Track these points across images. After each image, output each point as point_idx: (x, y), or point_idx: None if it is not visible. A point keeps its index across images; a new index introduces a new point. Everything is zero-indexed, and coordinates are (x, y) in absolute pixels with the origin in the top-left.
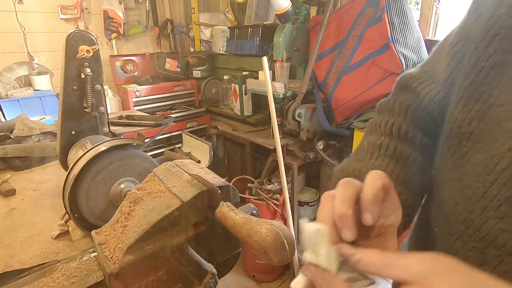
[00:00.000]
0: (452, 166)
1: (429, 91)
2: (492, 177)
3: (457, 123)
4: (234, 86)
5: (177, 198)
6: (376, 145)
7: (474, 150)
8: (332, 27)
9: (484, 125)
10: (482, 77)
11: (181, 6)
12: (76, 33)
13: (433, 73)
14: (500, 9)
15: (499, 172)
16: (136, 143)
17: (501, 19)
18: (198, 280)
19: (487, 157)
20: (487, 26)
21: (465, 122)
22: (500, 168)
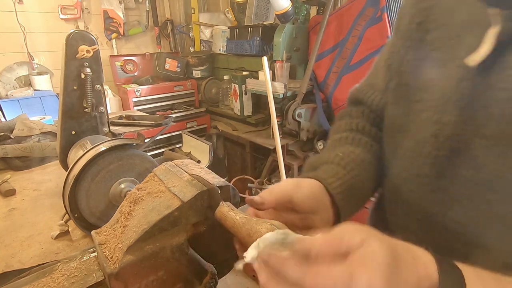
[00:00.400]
0: (390, 155)
1: (373, 99)
2: (422, 159)
3: (391, 119)
4: (234, 86)
5: (177, 198)
6: (337, 139)
7: (404, 139)
8: (332, 27)
9: (410, 118)
10: (404, 79)
11: (181, 6)
12: (76, 33)
13: (373, 84)
14: (411, 26)
15: (426, 155)
16: (136, 143)
17: (412, 33)
18: (198, 280)
19: (414, 143)
20: (403, 39)
21: (397, 118)
22: (427, 151)
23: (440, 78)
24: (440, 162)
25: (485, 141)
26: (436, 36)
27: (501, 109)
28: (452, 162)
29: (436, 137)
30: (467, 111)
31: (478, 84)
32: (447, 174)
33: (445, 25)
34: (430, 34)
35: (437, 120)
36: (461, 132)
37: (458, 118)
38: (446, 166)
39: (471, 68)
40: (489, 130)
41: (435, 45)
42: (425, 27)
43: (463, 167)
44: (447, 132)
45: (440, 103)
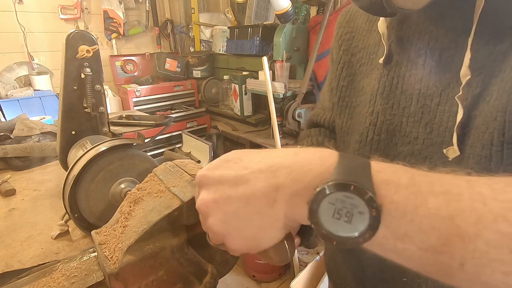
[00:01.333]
0: None
1: (325, 118)
2: (368, 147)
3: (338, 127)
4: (234, 86)
5: (177, 198)
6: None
7: (350, 137)
8: (332, 27)
9: (353, 121)
10: (344, 92)
11: (181, 6)
12: (76, 33)
13: (323, 106)
14: (339, 53)
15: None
16: (136, 143)
17: (342, 58)
18: (198, 280)
19: (358, 135)
20: (336, 63)
21: (343, 124)
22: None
23: (369, 83)
24: (382, 145)
25: (412, 118)
26: (360, 56)
27: (416, 89)
28: (391, 142)
29: (374, 125)
30: (391, 98)
31: (392, 77)
32: (390, 153)
33: (364, 47)
34: (355, 56)
35: (371, 111)
36: (391, 116)
37: (385, 105)
38: (388, 147)
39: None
40: (412, 108)
41: (361, 62)
42: (350, 51)
43: (400, 144)
44: (381, 118)
45: (371, 98)
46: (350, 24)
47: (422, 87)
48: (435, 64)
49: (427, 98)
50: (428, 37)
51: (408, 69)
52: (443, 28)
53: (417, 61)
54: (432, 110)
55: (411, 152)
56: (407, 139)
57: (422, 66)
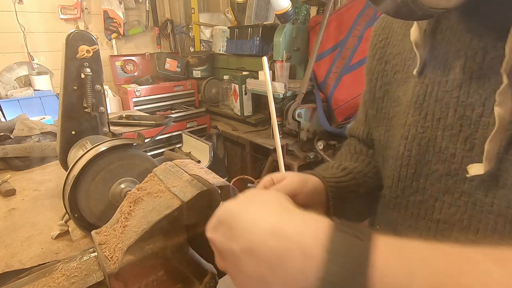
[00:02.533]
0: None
1: (359, 132)
2: (399, 162)
3: (376, 140)
4: (234, 86)
5: (177, 198)
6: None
7: (388, 152)
8: (332, 27)
9: (390, 133)
10: (380, 103)
11: (181, 6)
12: (76, 33)
13: (358, 119)
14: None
15: (401, 156)
16: (136, 143)
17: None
18: (198, 280)
19: (392, 151)
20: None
21: (381, 137)
22: (401, 152)
23: (405, 92)
24: (413, 161)
25: (448, 131)
26: (394, 62)
27: (454, 97)
28: (424, 159)
29: (405, 138)
30: (424, 108)
31: (427, 84)
32: (423, 172)
33: (399, 53)
34: (389, 64)
35: (403, 123)
36: (423, 129)
37: (419, 117)
38: (420, 164)
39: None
40: (449, 119)
41: (395, 69)
42: (384, 59)
43: (435, 161)
44: (412, 131)
45: (405, 109)
46: (385, 30)
47: (461, 94)
48: (477, 67)
49: (467, 108)
50: (470, 36)
51: (445, 74)
52: (488, 24)
53: (455, 64)
54: (473, 123)
55: (448, 172)
56: (442, 156)
57: (461, 69)
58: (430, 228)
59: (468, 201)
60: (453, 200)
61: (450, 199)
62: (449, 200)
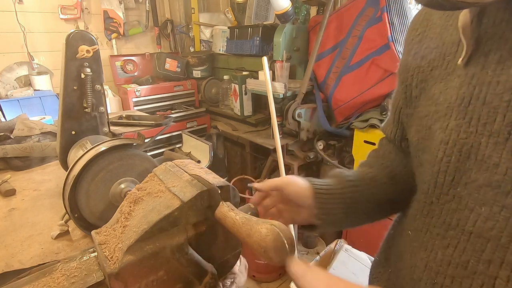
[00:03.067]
0: (416, 175)
1: (389, 132)
2: (436, 168)
3: (411, 141)
4: (234, 86)
5: (177, 198)
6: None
7: (423, 156)
8: (332, 27)
9: (427, 135)
10: (416, 102)
11: (181, 6)
12: (76, 33)
13: (388, 119)
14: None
15: (439, 162)
16: (136, 143)
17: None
18: (198, 280)
19: (429, 155)
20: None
21: (414, 139)
22: (439, 158)
23: (443, 91)
24: (453, 168)
25: (494, 138)
26: (432, 57)
27: (505, 101)
28: (464, 166)
29: (446, 143)
30: (470, 112)
31: (475, 85)
32: (462, 180)
33: (437, 47)
34: (425, 59)
35: (444, 127)
36: (467, 134)
37: (462, 121)
38: (459, 172)
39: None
40: (496, 125)
41: (433, 65)
42: (421, 54)
43: (475, 170)
44: (454, 136)
45: (447, 111)
46: (423, 23)
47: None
48: None
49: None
50: None
51: (496, 74)
52: None
53: (510, 64)
54: None
55: (489, 183)
56: (484, 165)
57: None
58: (460, 240)
59: (509, 217)
60: (491, 214)
61: (488, 212)
62: (486, 213)
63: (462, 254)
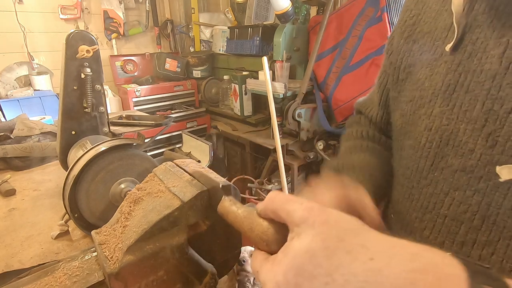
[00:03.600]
0: (396, 159)
1: (372, 113)
2: (419, 153)
3: (396, 125)
4: (234, 86)
5: (177, 198)
6: (352, 146)
7: (405, 139)
8: (332, 27)
9: (405, 119)
10: (402, 86)
11: (181, 6)
12: (76, 33)
13: (372, 100)
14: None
15: (422, 148)
16: (136, 143)
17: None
18: (198, 280)
19: (413, 140)
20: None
21: (398, 122)
22: (422, 143)
23: (430, 75)
24: (433, 153)
25: (471, 125)
26: (423, 42)
27: (485, 89)
28: (442, 152)
29: (429, 130)
30: (453, 100)
31: (460, 73)
32: (439, 165)
33: (429, 32)
34: (417, 43)
35: (429, 113)
36: (449, 121)
37: (445, 108)
38: (438, 157)
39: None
40: (475, 112)
41: (423, 49)
42: (413, 38)
43: (452, 155)
44: (437, 122)
45: (432, 98)
46: (419, 5)
47: (493, 86)
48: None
49: (496, 102)
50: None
51: (481, 63)
52: None
53: (494, 53)
54: (499, 118)
55: (463, 167)
56: (460, 151)
57: (498, 59)
58: (436, 222)
59: (481, 201)
60: (464, 198)
61: (461, 196)
62: (459, 197)
63: (437, 236)
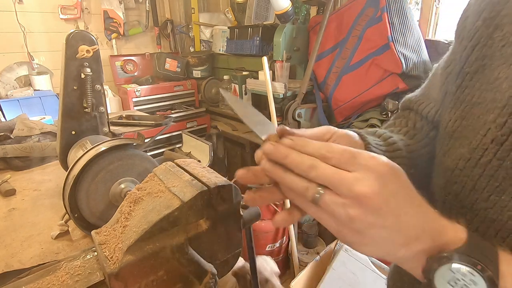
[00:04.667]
0: (437, 164)
1: (429, 110)
2: (479, 170)
3: (444, 124)
4: (234, 86)
5: (177, 198)
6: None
7: (454, 146)
8: (332, 27)
9: (465, 123)
10: (467, 81)
11: (181, 6)
12: (76, 33)
13: (429, 95)
14: (477, 23)
15: (485, 164)
16: (136, 143)
17: (478, 31)
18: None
19: (469, 150)
20: (468, 38)
21: (450, 122)
22: (487, 160)
23: (508, 76)
24: (503, 174)
25: None
26: (508, 30)
27: None
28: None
29: (499, 145)
30: None
31: None
32: (510, 188)
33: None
34: (500, 29)
35: (502, 123)
36: None
37: None
38: (509, 179)
39: None
40: None
41: (507, 40)
42: (495, 22)
43: None
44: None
45: (508, 102)
46: None
47: None
48: None
49: None
50: None
51: None
52: None
53: None
54: None
55: None
56: None
57: None
58: None
59: None
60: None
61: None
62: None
63: None
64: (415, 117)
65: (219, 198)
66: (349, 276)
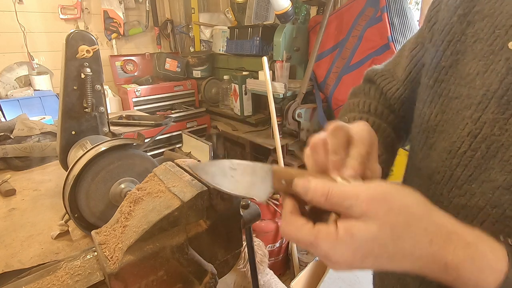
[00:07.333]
0: (422, 157)
1: (390, 87)
2: (456, 160)
3: (425, 118)
4: (234, 86)
5: (177, 198)
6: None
7: (439, 140)
8: (332, 27)
9: (446, 117)
10: (443, 75)
11: (181, 6)
12: (76, 33)
13: (393, 72)
14: (453, 18)
15: (461, 155)
16: (136, 143)
17: (454, 26)
18: (198, 280)
19: (449, 143)
20: (444, 33)
21: (432, 116)
22: (462, 151)
23: (484, 72)
24: (475, 164)
25: None
26: (480, 26)
27: None
28: (487, 164)
29: (473, 137)
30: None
31: None
32: (480, 177)
33: (491, 16)
34: (472, 26)
35: (476, 118)
36: (501, 131)
37: (500, 116)
38: (480, 169)
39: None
40: None
41: (478, 36)
42: (467, 19)
43: (498, 170)
44: (486, 131)
45: (482, 100)
46: None
47: None
48: None
49: None
50: None
51: None
52: None
53: None
54: None
55: (507, 185)
56: (508, 167)
57: None
58: None
59: None
60: (502, 217)
61: (499, 215)
62: (496, 216)
63: None
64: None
65: (219, 198)
66: (349, 276)
